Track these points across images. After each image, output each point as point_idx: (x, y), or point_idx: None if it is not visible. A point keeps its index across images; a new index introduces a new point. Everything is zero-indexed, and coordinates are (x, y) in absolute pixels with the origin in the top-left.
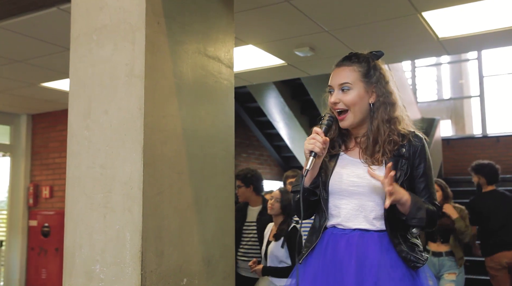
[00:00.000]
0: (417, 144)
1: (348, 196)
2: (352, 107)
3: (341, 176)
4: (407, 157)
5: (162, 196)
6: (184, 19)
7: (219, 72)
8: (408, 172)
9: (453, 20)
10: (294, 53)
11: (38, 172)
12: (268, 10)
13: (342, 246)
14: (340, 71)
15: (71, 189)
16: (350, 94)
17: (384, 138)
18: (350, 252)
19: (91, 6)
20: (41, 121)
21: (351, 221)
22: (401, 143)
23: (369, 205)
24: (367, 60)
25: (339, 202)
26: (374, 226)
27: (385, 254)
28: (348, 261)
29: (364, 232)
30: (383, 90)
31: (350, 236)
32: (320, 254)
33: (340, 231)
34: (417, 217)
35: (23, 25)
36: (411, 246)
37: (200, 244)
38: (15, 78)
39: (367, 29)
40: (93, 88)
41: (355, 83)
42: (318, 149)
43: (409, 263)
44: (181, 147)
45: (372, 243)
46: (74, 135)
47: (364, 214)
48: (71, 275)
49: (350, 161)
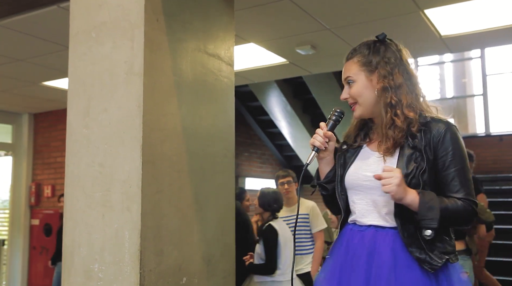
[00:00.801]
0: (440, 131)
1: (362, 191)
2: (358, 99)
3: (356, 170)
4: (422, 147)
5: (161, 195)
6: (184, 16)
7: (219, 70)
8: (424, 164)
9: (456, 18)
10: (295, 51)
11: (40, 171)
12: (269, 7)
13: (356, 243)
14: (345, 66)
15: (70, 188)
16: (354, 86)
17: (386, 124)
18: (361, 251)
19: (90, 4)
20: (43, 121)
21: (366, 217)
22: (411, 131)
23: (381, 200)
24: (368, 46)
25: (355, 197)
26: (388, 223)
27: (398, 254)
28: (357, 260)
29: (378, 229)
30: (385, 73)
31: (365, 234)
32: (338, 249)
33: (358, 227)
34: (427, 218)
35: (23, 24)
36: (429, 245)
37: (200, 243)
38: (17, 77)
39: (368, 27)
40: (92, 86)
41: (356, 74)
42: (318, 143)
43: (424, 264)
44: (181, 145)
45: (384, 242)
46: (73, 134)
47: (378, 210)
48: (70, 274)
49: (368, 153)
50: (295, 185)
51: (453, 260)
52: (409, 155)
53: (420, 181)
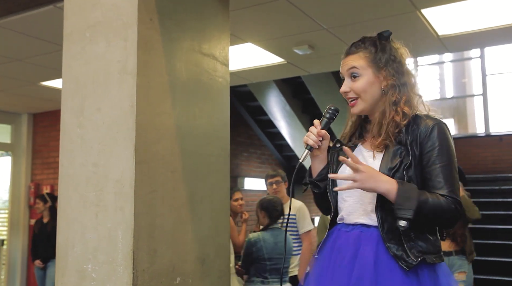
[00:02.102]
0: (426, 126)
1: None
2: (362, 95)
3: (345, 168)
4: (407, 142)
5: (154, 195)
6: (178, 16)
7: (214, 70)
8: (409, 159)
9: (453, 18)
10: (293, 51)
11: (39, 171)
12: (266, 7)
13: (340, 244)
14: (348, 59)
15: (64, 187)
16: (360, 81)
17: (388, 121)
18: (345, 252)
19: (83, 3)
20: (42, 120)
21: (352, 214)
22: (401, 127)
23: (368, 196)
24: (374, 43)
25: (344, 194)
26: (372, 220)
27: (380, 256)
28: (341, 260)
29: (364, 229)
30: (393, 71)
31: (350, 234)
32: (324, 251)
33: (345, 227)
34: (403, 208)
35: (20, 23)
36: (411, 242)
37: (194, 243)
38: (15, 77)
39: (366, 27)
40: (86, 86)
41: (363, 69)
42: (312, 142)
43: (400, 261)
44: (174, 145)
45: (368, 242)
46: (67, 133)
47: (363, 207)
48: (64, 274)
49: (361, 152)
50: (285, 184)
51: (433, 261)
52: (395, 150)
53: (405, 175)
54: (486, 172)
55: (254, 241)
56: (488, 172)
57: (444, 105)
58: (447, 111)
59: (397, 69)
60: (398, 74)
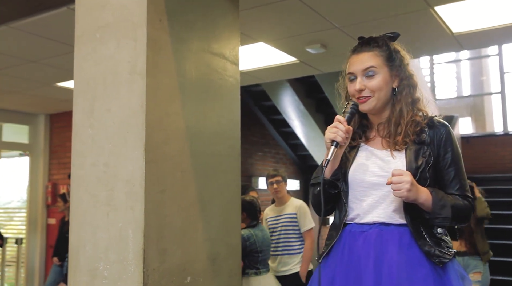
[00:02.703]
0: (441, 130)
1: (368, 188)
2: (377, 93)
3: (361, 167)
4: (428, 143)
5: (164, 194)
6: (187, 16)
7: (224, 69)
8: (431, 160)
9: (468, 14)
10: (305, 50)
11: (55, 170)
12: (277, 6)
13: (360, 245)
14: (361, 57)
15: (75, 187)
16: (376, 79)
17: (407, 120)
18: (367, 251)
19: (94, 5)
20: (58, 121)
21: (370, 213)
22: (422, 126)
23: (390, 196)
24: (387, 44)
25: (359, 194)
26: (393, 219)
27: (406, 251)
28: (366, 261)
29: (383, 227)
30: (406, 73)
31: (368, 234)
32: (337, 254)
33: (359, 228)
34: (441, 216)
35: (35, 25)
36: (436, 241)
37: (204, 242)
38: (31, 78)
39: (378, 25)
40: (96, 87)
41: (380, 67)
42: (340, 138)
43: (433, 258)
44: (184, 145)
45: (391, 240)
46: (78, 134)
47: (384, 206)
48: (76, 273)
49: (371, 151)
50: (285, 184)
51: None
52: (417, 150)
53: (427, 175)
54: (504, 171)
55: (247, 236)
56: (506, 171)
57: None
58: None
59: (408, 70)
60: (410, 76)
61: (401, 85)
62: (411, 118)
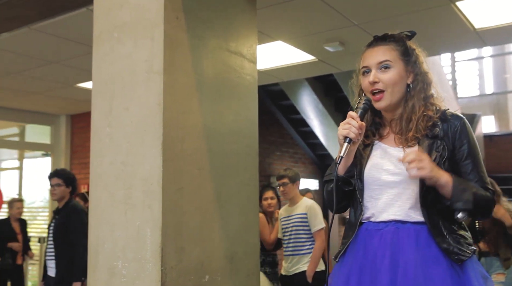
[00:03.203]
0: (455, 122)
1: (384, 185)
2: (391, 87)
3: (376, 165)
4: (441, 136)
5: (182, 192)
6: (204, 14)
7: (241, 67)
8: (446, 153)
9: (491, 9)
10: (324, 48)
11: (76, 170)
12: (295, 4)
13: (375, 243)
14: (377, 50)
15: (94, 186)
16: (391, 72)
17: (418, 115)
18: (383, 250)
19: (112, 4)
20: (80, 121)
21: (386, 212)
22: (435, 121)
23: (406, 193)
24: (403, 40)
25: (374, 192)
26: (409, 217)
27: (423, 249)
28: (382, 260)
29: (399, 226)
30: (421, 69)
31: (384, 232)
32: (353, 252)
33: (375, 226)
34: (463, 199)
35: (55, 27)
36: (455, 238)
37: (222, 241)
38: (52, 79)
39: (398, 22)
40: (114, 86)
41: (395, 61)
42: (353, 135)
43: (452, 255)
44: (201, 143)
45: (407, 238)
46: (96, 133)
47: (400, 203)
48: (95, 271)
49: (385, 148)
50: (293, 185)
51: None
52: (430, 144)
53: (443, 168)
54: None
55: None
56: None
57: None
58: (487, 107)
59: (423, 67)
60: (425, 73)
61: (415, 81)
62: (422, 113)
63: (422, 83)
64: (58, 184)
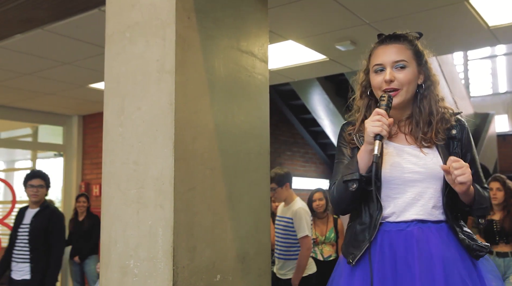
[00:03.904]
0: (464, 126)
1: (403, 184)
2: (406, 86)
3: (395, 163)
4: (459, 138)
5: (193, 192)
6: (215, 14)
7: (253, 67)
8: (460, 155)
9: (504, 7)
10: (335, 47)
11: (88, 170)
12: (306, 3)
13: (401, 244)
14: (391, 49)
15: (106, 185)
16: (406, 72)
17: (437, 119)
18: (411, 251)
19: (123, 4)
20: (92, 122)
21: (407, 211)
22: (452, 124)
23: (428, 192)
24: (413, 41)
25: (392, 192)
26: (432, 216)
27: (448, 247)
28: (411, 261)
29: (421, 225)
30: (431, 71)
31: (408, 233)
32: (374, 255)
33: (395, 226)
34: (483, 206)
35: (68, 28)
36: (469, 235)
37: (234, 240)
38: (65, 80)
39: (410, 20)
40: (126, 85)
41: (410, 61)
42: (386, 132)
43: (472, 252)
44: (213, 143)
45: (432, 237)
46: (108, 133)
47: (422, 202)
48: (107, 270)
49: (398, 147)
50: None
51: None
52: (447, 145)
53: None
54: None
55: None
56: None
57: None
58: (500, 106)
59: (431, 68)
60: (433, 74)
61: (428, 81)
62: (440, 116)
63: (434, 84)
64: (41, 185)
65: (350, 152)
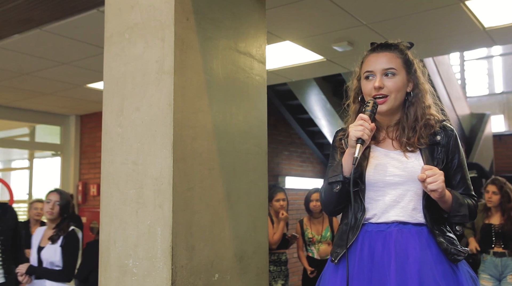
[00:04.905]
0: (450, 133)
1: (385, 187)
2: (394, 94)
3: (378, 166)
4: (443, 144)
5: (192, 192)
6: (214, 15)
7: (250, 68)
8: (445, 160)
9: (500, 8)
10: (332, 48)
11: (86, 170)
12: (303, 4)
13: (379, 244)
14: (382, 57)
15: (105, 185)
16: (395, 79)
17: (421, 124)
18: (388, 251)
19: (123, 5)
20: (89, 122)
21: (388, 212)
22: (436, 130)
23: (408, 194)
24: (404, 50)
25: (376, 194)
26: (412, 218)
27: (426, 249)
28: (388, 260)
29: (401, 226)
30: (420, 80)
31: (387, 233)
32: (355, 254)
33: (376, 227)
34: (460, 214)
35: (66, 28)
36: (449, 239)
37: (232, 240)
38: (62, 80)
39: (407, 21)
40: (125, 86)
41: (399, 69)
42: (367, 136)
43: (450, 256)
44: (211, 143)
45: (411, 239)
46: (107, 133)
47: (402, 204)
48: (106, 269)
49: (384, 152)
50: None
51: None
52: (431, 151)
53: None
54: None
55: None
56: None
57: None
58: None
59: (420, 77)
60: (421, 82)
61: (416, 89)
62: (424, 122)
63: (421, 92)
64: None
65: (340, 156)
